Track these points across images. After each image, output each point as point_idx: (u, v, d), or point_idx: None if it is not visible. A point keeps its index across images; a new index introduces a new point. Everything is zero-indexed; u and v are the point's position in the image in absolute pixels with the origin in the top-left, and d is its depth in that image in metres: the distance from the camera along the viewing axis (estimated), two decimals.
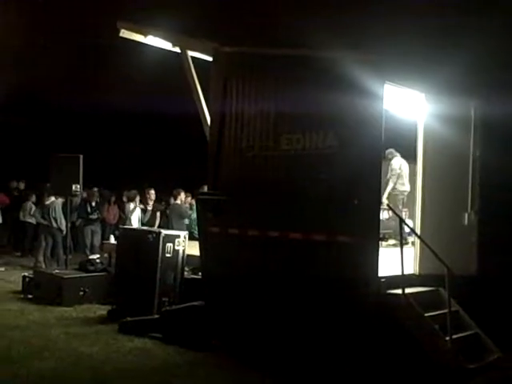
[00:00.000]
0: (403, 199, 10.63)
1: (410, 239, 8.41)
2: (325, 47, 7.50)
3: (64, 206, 12.69)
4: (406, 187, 10.58)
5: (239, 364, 6.86)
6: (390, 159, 10.77)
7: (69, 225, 12.38)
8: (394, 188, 10.58)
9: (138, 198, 12.90)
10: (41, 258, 13.25)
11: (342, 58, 7.00)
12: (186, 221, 12.10)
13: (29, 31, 15.44)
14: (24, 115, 21.52)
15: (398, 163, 10.75)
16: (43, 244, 13.37)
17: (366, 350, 6.42)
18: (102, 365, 6.68)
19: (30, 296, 10.21)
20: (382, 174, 8.29)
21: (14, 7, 14.10)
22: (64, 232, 12.82)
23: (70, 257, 12.10)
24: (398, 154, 10.88)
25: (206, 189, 9.21)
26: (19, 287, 10.73)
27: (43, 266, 12.95)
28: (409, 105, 8.13)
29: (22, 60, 16.68)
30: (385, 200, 10.17)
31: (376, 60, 6.84)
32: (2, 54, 15.65)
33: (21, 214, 14.99)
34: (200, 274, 8.67)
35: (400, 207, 10.43)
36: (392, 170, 10.66)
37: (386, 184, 10.51)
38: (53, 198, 13.19)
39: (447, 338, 6.22)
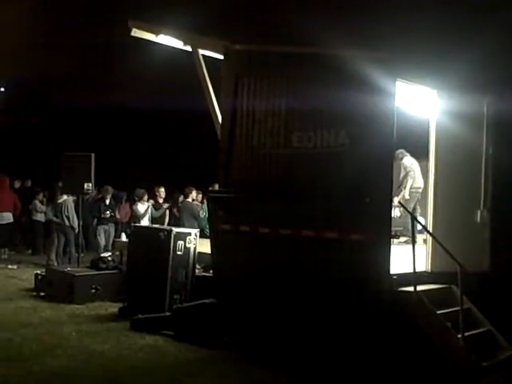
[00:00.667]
0: (418, 197, 10.59)
1: (422, 237, 8.36)
2: (336, 45, 7.48)
3: (76, 204, 12.76)
4: (421, 184, 10.53)
5: (251, 361, 6.86)
6: (401, 158, 10.74)
7: (81, 223, 12.43)
8: (411, 186, 10.56)
9: (146, 197, 12.89)
10: (53, 256, 13.31)
11: (353, 56, 6.97)
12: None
13: (38, 30, 15.52)
14: (34, 115, 21.65)
15: (410, 161, 10.73)
16: (55, 242, 13.43)
17: (378, 347, 6.40)
18: (113, 362, 6.71)
19: (42, 294, 10.27)
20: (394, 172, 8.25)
21: (23, 7, 14.18)
22: (76, 230, 12.88)
23: (82, 255, 12.16)
24: (407, 154, 10.89)
25: (217, 187, 9.22)
26: (31, 285, 10.79)
27: (55, 263, 13.01)
28: (421, 102, 8.09)
29: (32, 60, 16.77)
30: (401, 197, 10.10)
31: (387, 57, 6.82)
32: (12, 53, 15.74)
33: (32, 212, 15.13)
34: (211, 271, 8.68)
35: (411, 205, 10.38)
36: (406, 168, 10.63)
37: (401, 183, 10.50)
38: (65, 197, 13.25)
39: (459, 336, 6.18)
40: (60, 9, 15.69)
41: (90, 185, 11.31)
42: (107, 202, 13.60)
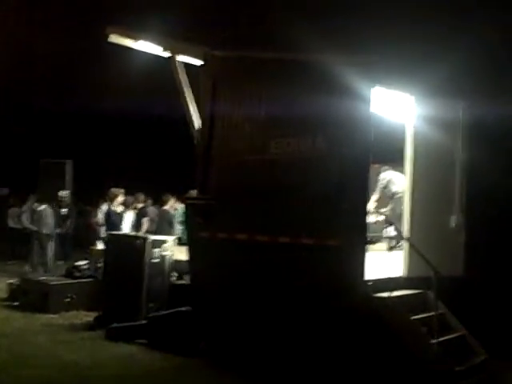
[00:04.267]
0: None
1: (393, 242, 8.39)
2: (313, 50, 7.49)
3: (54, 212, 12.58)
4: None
5: (227, 369, 6.81)
6: (378, 173, 10.89)
7: (56, 231, 12.25)
8: (396, 192, 10.62)
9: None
10: (35, 263, 13.14)
11: (330, 61, 6.99)
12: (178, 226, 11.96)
13: (16, 33, 15.40)
14: (12, 121, 21.44)
15: (383, 176, 10.91)
16: (35, 249, 13.26)
17: (353, 353, 6.38)
18: (88, 371, 6.62)
19: (16, 303, 10.13)
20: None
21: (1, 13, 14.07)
22: (52, 238, 12.71)
23: (59, 263, 12.02)
24: (388, 169, 11.04)
25: (193, 194, 9.16)
26: (5, 294, 10.64)
27: (31, 272, 12.80)
28: (397, 107, 8.12)
29: (8, 64, 16.61)
30: (373, 204, 10.15)
31: (365, 63, 6.83)
32: None
33: (10, 220, 14.97)
34: (187, 279, 8.60)
35: (398, 211, 10.41)
36: (377, 182, 10.80)
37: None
38: (44, 205, 13.09)
39: (434, 341, 6.20)
40: (39, 14, 15.63)
41: (65, 192, 11.15)
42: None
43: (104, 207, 11.67)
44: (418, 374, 6.12)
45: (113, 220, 11.38)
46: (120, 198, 11.66)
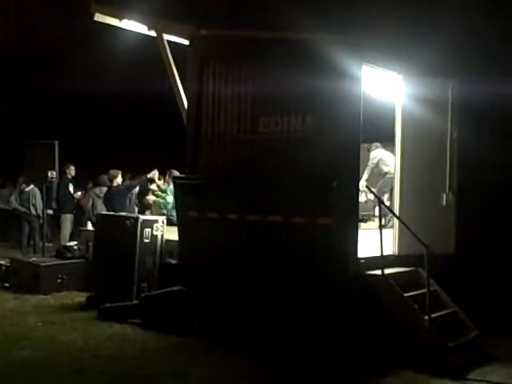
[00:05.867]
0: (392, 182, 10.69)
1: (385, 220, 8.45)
2: (302, 29, 7.44)
3: (41, 192, 12.46)
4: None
5: (220, 348, 6.82)
6: (370, 151, 10.92)
7: (46, 211, 12.17)
8: (388, 172, 10.65)
9: None
10: (25, 244, 13.08)
11: (319, 40, 6.96)
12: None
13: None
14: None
15: (374, 155, 10.94)
16: (26, 230, 13.21)
17: (346, 330, 6.44)
18: (80, 352, 6.59)
19: (6, 284, 10.08)
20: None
21: None
22: (41, 219, 12.64)
23: (48, 244, 11.95)
24: (379, 146, 11.05)
25: (176, 173, 9.13)
26: None
27: (21, 253, 12.77)
28: (386, 86, 8.13)
29: None
30: (363, 183, 10.22)
31: (354, 41, 6.82)
32: None
33: None
34: (178, 258, 8.61)
35: (385, 189, 10.48)
36: (369, 161, 10.84)
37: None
38: (32, 186, 13.00)
39: (426, 317, 6.26)
40: None
41: (54, 173, 11.11)
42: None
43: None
44: (410, 351, 6.21)
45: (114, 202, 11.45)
46: (119, 179, 11.71)
